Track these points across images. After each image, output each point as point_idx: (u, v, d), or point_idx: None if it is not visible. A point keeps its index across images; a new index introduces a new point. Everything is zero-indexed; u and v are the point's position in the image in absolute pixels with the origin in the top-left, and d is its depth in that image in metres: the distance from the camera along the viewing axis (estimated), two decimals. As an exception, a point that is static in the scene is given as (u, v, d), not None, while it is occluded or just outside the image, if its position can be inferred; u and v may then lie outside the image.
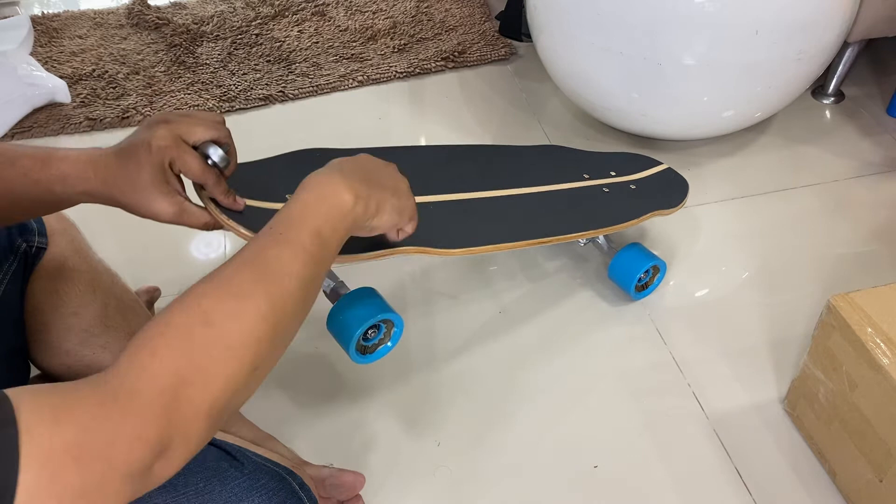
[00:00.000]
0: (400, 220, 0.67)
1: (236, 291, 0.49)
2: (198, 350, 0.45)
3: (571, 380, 1.03)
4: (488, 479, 0.92)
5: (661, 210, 1.10)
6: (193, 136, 0.65)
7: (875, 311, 0.81)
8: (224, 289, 0.49)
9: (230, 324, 0.47)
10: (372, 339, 0.82)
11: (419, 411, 1.00)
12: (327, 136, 1.51)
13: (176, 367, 0.44)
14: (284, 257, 0.52)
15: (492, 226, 0.95)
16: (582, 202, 1.07)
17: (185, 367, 0.44)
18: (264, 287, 0.50)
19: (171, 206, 0.66)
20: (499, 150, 1.17)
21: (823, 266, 1.19)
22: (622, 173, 1.18)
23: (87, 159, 0.64)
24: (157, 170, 0.63)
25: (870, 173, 1.37)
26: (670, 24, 1.14)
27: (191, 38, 1.75)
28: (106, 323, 0.80)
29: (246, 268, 0.51)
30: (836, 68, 1.50)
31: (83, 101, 1.58)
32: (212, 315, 0.47)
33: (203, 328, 0.46)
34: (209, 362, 0.45)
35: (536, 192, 1.06)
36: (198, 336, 0.46)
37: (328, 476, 0.84)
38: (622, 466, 0.93)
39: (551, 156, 1.19)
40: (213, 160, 0.67)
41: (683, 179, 1.20)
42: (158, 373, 0.43)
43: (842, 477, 0.88)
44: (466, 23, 1.82)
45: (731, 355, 1.06)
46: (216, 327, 0.46)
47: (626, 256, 1.10)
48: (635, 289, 1.11)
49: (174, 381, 0.43)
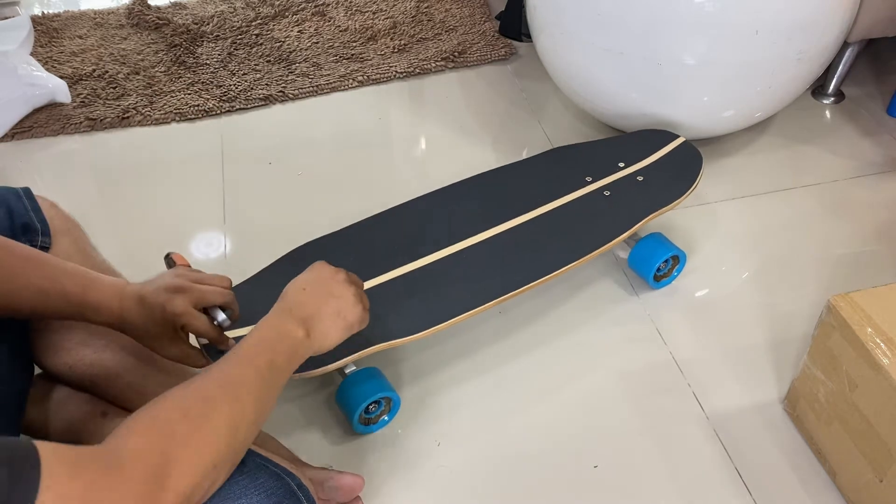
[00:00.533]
0: (348, 333, 0.77)
1: (207, 397, 0.60)
2: (178, 440, 0.55)
3: (571, 380, 1.03)
4: (488, 479, 0.92)
5: (663, 208, 1.10)
6: (205, 303, 0.78)
7: (875, 311, 0.81)
8: (197, 395, 0.60)
9: (202, 422, 0.57)
10: (373, 413, 0.96)
11: (419, 412, 1.00)
12: (327, 136, 1.51)
13: (160, 451, 0.54)
14: (246, 378, 0.63)
15: (465, 288, 0.99)
16: (573, 223, 1.08)
17: (168, 453, 0.54)
18: (229, 400, 0.61)
19: (177, 353, 0.80)
20: (495, 174, 1.17)
21: (823, 266, 1.19)
22: (632, 161, 1.18)
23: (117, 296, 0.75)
24: (169, 328, 0.77)
25: (870, 173, 1.37)
26: (670, 24, 1.14)
27: (191, 39, 1.75)
28: None
29: (215, 383, 0.62)
30: (836, 68, 1.50)
31: (83, 101, 1.58)
32: (190, 411, 0.58)
33: (183, 420, 0.57)
34: (185, 451, 0.55)
35: (529, 221, 1.08)
36: (178, 430, 0.56)
37: (327, 478, 0.85)
38: (622, 466, 0.93)
39: (552, 163, 1.19)
40: (218, 321, 0.79)
41: (698, 155, 1.19)
42: (146, 455, 0.53)
43: (842, 477, 0.88)
44: (466, 23, 1.82)
45: (731, 355, 1.06)
46: (191, 420, 0.57)
47: (647, 245, 1.11)
48: (654, 278, 1.12)
49: (160, 461, 0.53)
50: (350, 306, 0.76)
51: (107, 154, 1.48)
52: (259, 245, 1.26)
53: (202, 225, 1.31)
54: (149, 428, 0.55)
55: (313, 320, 0.73)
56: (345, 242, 1.04)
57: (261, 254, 1.07)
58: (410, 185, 1.39)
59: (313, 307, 0.73)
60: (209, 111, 1.56)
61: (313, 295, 0.74)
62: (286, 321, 0.71)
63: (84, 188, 1.39)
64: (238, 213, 1.33)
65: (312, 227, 1.08)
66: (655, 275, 1.12)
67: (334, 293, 0.75)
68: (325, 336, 0.73)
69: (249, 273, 1.00)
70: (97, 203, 1.36)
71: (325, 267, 0.78)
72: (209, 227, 1.30)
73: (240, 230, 1.29)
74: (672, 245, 1.11)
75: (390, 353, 1.06)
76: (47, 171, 1.43)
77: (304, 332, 0.71)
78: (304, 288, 0.75)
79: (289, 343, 0.70)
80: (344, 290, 0.76)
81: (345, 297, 0.76)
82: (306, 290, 0.75)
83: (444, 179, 1.15)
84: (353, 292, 0.76)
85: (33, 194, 0.81)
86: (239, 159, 1.45)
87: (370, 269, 1.00)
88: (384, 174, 1.42)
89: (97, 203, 1.36)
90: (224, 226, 1.30)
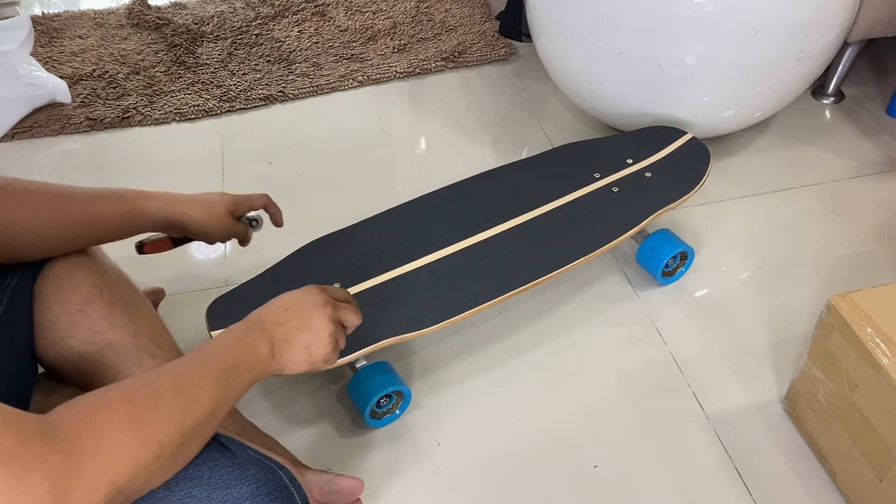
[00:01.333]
0: (310, 369, 0.76)
1: (156, 391, 0.59)
2: (115, 424, 0.55)
3: (571, 379, 1.03)
4: (488, 479, 0.92)
5: (671, 204, 1.10)
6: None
7: (875, 311, 0.81)
8: (147, 386, 0.59)
9: (145, 412, 0.57)
10: (384, 407, 0.97)
11: (418, 412, 1.00)
12: (327, 136, 1.51)
13: (93, 431, 0.53)
14: (201, 379, 0.63)
15: (470, 285, 0.99)
16: (582, 219, 1.08)
17: (100, 434, 0.53)
18: (179, 397, 0.60)
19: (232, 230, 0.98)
20: (501, 172, 1.17)
21: (823, 266, 1.19)
22: (640, 157, 1.18)
23: (167, 206, 0.92)
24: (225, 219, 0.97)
25: (870, 173, 1.37)
26: (670, 25, 1.14)
27: (191, 39, 1.75)
28: (111, 321, 0.81)
29: (168, 379, 0.61)
30: (835, 68, 1.50)
31: (83, 101, 1.58)
32: (135, 399, 0.57)
33: (126, 406, 0.56)
34: (121, 437, 0.54)
35: (536, 217, 1.08)
36: (118, 414, 0.55)
37: (327, 482, 0.84)
38: (622, 466, 0.93)
39: (560, 160, 1.19)
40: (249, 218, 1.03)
41: (706, 151, 1.19)
42: (77, 430, 0.53)
43: (842, 477, 0.88)
44: (466, 23, 1.82)
45: (731, 355, 1.06)
46: (135, 406, 0.56)
47: (655, 241, 1.11)
48: (662, 274, 1.12)
49: (90, 441, 0.52)
50: (320, 345, 0.74)
51: (107, 154, 1.48)
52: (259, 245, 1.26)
53: (202, 225, 1.31)
54: (89, 407, 0.55)
55: (282, 343, 0.71)
56: (345, 242, 1.04)
57: (261, 254, 1.07)
58: (410, 185, 1.39)
59: (287, 332, 0.72)
60: (209, 111, 1.56)
61: (292, 318, 0.73)
62: (255, 334, 0.70)
63: (84, 188, 1.39)
64: (238, 213, 1.33)
65: (313, 227, 1.08)
66: (664, 271, 1.13)
67: (312, 325, 0.74)
68: (287, 363, 0.72)
69: (249, 274, 1.01)
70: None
71: (316, 295, 0.76)
72: (209, 227, 1.30)
73: (240, 230, 1.29)
74: (680, 241, 1.12)
75: (390, 351, 1.06)
76: (47, 171, 1.43)
77: (269, 351, 0.70)
78: (287, 308, 0.74)
79: (251, 353, 0.69)
80: (322, 325, 0.74)
81: (321, 332, 0.74)
82: (289, 310, 0.74)
83: (444, 179, 1.15)
84: (330, 331, 0.75)
85: None
86: (239, 159, 1.45)
87: (371, 268, 1.00)
88: (384, 174, 1.42)
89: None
90: (224, 226, 1.30)
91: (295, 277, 0.98)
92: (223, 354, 0.67)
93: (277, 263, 1.01)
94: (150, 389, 0.59)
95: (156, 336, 0.84)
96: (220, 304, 0.94)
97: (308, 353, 0.73)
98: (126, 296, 0.85)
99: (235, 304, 0.94)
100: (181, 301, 1.14)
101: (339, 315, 0.77)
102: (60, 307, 0.79)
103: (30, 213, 0.77)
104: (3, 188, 0.76)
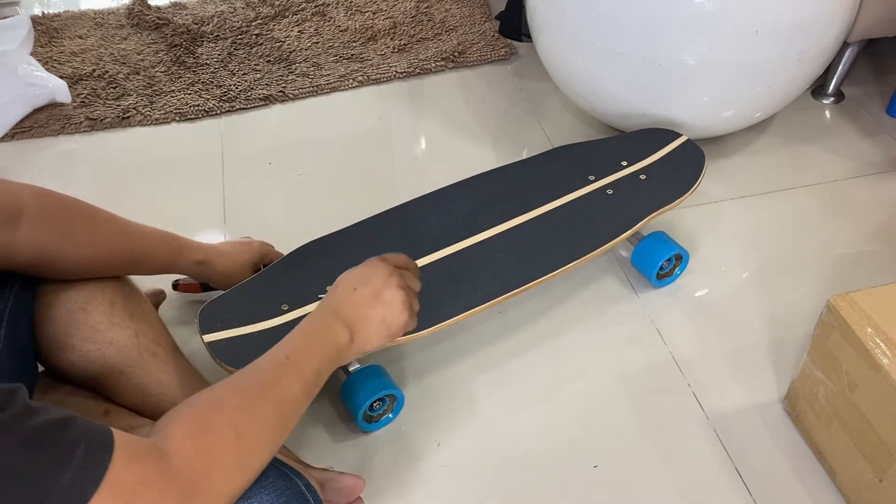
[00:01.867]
0: (390, 340, 0.78)
1: (260, 416, 0.62)
2: (227, 460, 0.58)
3: (571, 379, 1.03)
4: (488, 479, 0.92)
5: (665, 207, 1.10)
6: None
7: (875, 311, 0.81)
8: (255, 412, 0.62)
9: (254, 446, 0.61)
10: (377, 410, 0.96)
11: (419, 412, 1.00)
12: (327, 136, 1.51)
13: (210, 467, 0.57)
14: (295, 389, 0.66)
15: (467, 287, 0.99)
16: (576, 222, 1.08)
17: (214, 468, 0.57)
18: (282, 420, 0.64)
19: None
20: (497, 174, 1.17)
21: (823, 266, 1.19)
22: (635, 160, 1.18)
23: (203, 255, 0.97)
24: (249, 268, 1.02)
25: (870, 173, 1.37)
26: (670, 25, 1.14)
27: (191, 39, 1.75)
28: (112, 320, 0.81)
29: (273, 401, 0.64)
30: (835, 68, 1.50)
31: (83, 101, 1.58)
32: (241, 431, 0.60)
33: (235, 440, 0.59)
34: (232, 474, 0.58)
35: (532, 219, 1.08)
36: (229, 445, 0.58)
37: (328, 480, 0.84)
38: (622, 466, 0.93)
39: (555, 163, 1.19)
40: None
41: (701, 153, 1.19)
42: (197, 466, 0.56)
43: (842, 477, 0.88)
44: (466, 23, 1.82)
45: (731, 355, 1.06)
46: (243, 442, 0.60)
47: (650, 244, 1.11)
48: (657, 277, 1.12)
49: (204, 473, 0.56)
50: (396, 314, 0.76)
51: (107, 154, 1.48)
52: (259, 245, 1.26)
53: (202, 225, 1.31)
54: (199, 433, 0.57)
55: (359, 324, 0.74)
56: (345, 242, 1.04)
57: (261, 254, 1.07)
58: (410, 185, 1.39)
59: (362, 311, 0.74)
60: (209, 111, 1.56)
61: (363, 297, 0.75)
62: (333, 323, 0.72)
63: (84, 188, 1.39)
64: (238, 213, 1.33)
65: (312, 227, 1.08)
66: (658, 273, 1.13)
67: (384, 298, 0.76)
68: (366, 341, 0.75)
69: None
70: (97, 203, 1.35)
71: (380, 267, 0.78)
72: (209, 227, 1.30)
73: (240, 230, 1.29)
74: (675, 244, 1.11)
75: (390, 352, 1.06)
76: (47, 171, 1.43)
77: (349, 337, 0.73)
78: (356, 288, 0.75)
79: (333, 346, 0.71)
80: (394, 296, 0.76)
81: (393, 303, 0.76)
82: (357, 290, 0.75)
83: (444, 179, 1.15)
84: (402, 299, 0.77)
85: None
86: (239, 159, 1.45)
87: None
88: (384, 174, 1.42)
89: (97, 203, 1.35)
90: (224, 226, 1.30)
91: (288, 281, 0.98)
92: (311, 358, 0.69)
93: (270, 267, 1.00)
94: (254, 416, 0.61)
95: (157, 336, 0.85)
96: (212, 307, 0.93)
97: (385, 326, 0.76)
98: (127, 295, 0.85)
99: (228, 308, 0.93)
100: (181, 301, 1.14)
101: (406, 281, 0.78)
102: (63, 306, 0.79)
103: (90, 241, 0.80)
104: (72, 210, 0.79)
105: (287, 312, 0.93)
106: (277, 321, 0.92)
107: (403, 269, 0.81)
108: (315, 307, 0.76)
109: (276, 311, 0.93)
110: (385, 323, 0.76)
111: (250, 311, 0.92)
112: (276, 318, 0.92)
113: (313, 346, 0.71)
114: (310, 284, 0.97)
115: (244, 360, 0.86)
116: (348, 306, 0.74)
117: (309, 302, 0.95)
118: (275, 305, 0.94)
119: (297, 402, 0.66)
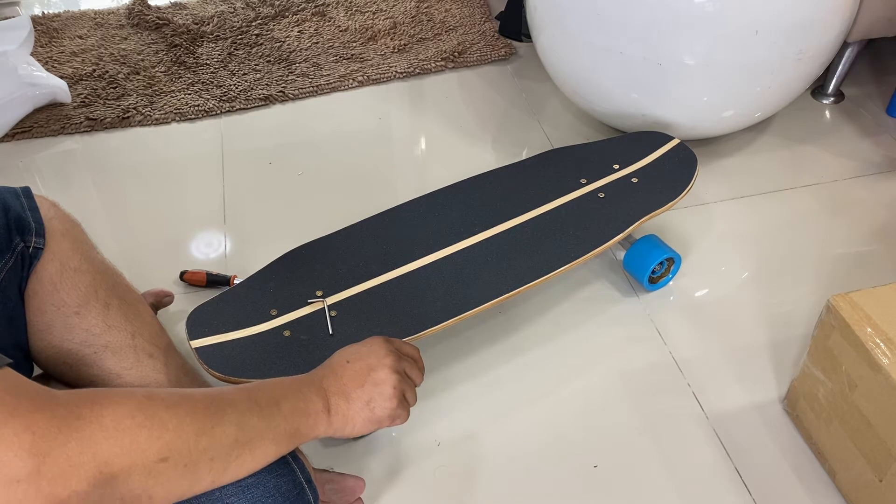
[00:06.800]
0: (375, 426, 0.72)
1: (187, 395, 0.56)
2: (124, 407, 0.52)
3: (571, 380, 1.03)
4: (488, 479, 0.92)
5: (657, 210, 1.10)
6: None
7: (875, 311, 0.81)
8: (182, 392, 0.57)
9: (164, 409, 0.54)
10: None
11: (419, 412, 1.00)
12: (327, 136, 1.51)
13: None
14: (239, 401, 0.60)
15: (463, 289, 0.98)
16: (567, 225, 1.07)
17: (107, 413, 0.51)
18: (210, 410, 0.57)
19: None
20: (490, 177, 1.16)
21: (823, 266, 1.19)
22: (627, 163, 1.18)
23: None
24: None
25: (870, 173, 1.37)
26: (670, 24, 1.14)
27: (191, 39, 1.75)
28: (108, 322, 0.80)
29: (205, 392, 0.59)
30: (835, 68, 1.50)
31: (84, 102, 1.58)
32: (157, 395, 0.54)
33: (144, 397, 0.53)
34: (128, 423, 0.51)
35: (523, 223, 1.07)
36: (136, 400, 0.53)
37: (328, 481, 0.84)
38: (622, 466, 0.93)
39: (547, 165, 1.18)
40: None
41: (693, 157, 1.19)
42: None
43: (842, 477, 0.88)
44: (466, 23, 1.82)
45: (731, 355, 1.06)
46: (153, 401, 0.53)
47: (641, 248, 1.11)
48: (649, 280, 1.12)
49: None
50: (384, 399, 0.70)
51: (107, 154, 1.48)
52: (259, 245, 1.26)
53: (202, 225, 1.31)
54: (105, 389, 0.54)
55: (339, 399, 0.68)
56: (344, 243, 1.04)
57: (261, 254, 1.07)
58: (410, 185, 1.39)
59: (347, 387, 0.69)
60: (209, 111, 1.56)
61: (353, 371, 0.70)
62: (309, 389, 0.67)
63: (84, 188, 1.39)
64: (238, 213, 1.33)
65: (312, 227, 1.08)
66: (650, 277, 1.12)
67: (374, 378, 0.70)
68: (345, 419, 0.68)
69: (249, 273, 1.00)
70: (97, 203, 1.36)
71: (380, 346, 0.73)
72: (209, 226, 1.30)
73: (240, 230, 1.29)
74: (667, 247, 1.11)
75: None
76: (47, 171, 1.43)
77: (323, 407, 0.67)
78: (349, 360, 0.71)
79: (303, 403, 0.65)
80: (385, 378, 0.71)
81: (383, 386, 0.70)
82: (349, 363, 0.71)
83: (444, 180, 1.15)
84: (394, 383, 0.71)
85: (32, 193, 0.81)
86: (239, 159, 1.45)
87: (369, 269, 1.00)
88: (384, 174, 1.42)
89: (97, 203, 1.36)
90: (224, 226, 1.30)
91: (277, 286, 0.96)
92: (272, 388, 0.63)
93: (260, 271, 0.99)
94: (179, 393, 0.56)
95: (154, 337, 0.84)
96: (200, 312, 0.92)
97: (370, 409, 0.69)
98: (122, 296, 0.84)
99: (216, 314, 0.92)
100: (180, 302, 1.14)
101: (404, 367, 0.73)
102: (56, 310, 0.78)
103: None
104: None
105: (276, 318, 0.92)
106: (266, 326, 0.91)
107: (406, 356, 0.76)
108: (303, 310, 0.72)
109: (265, 316, 0.92)
110: (370, 406, 0.69)
111: (238, 316, 0.91)
112: (265, 323, 0.92)
113: (280, 383, 0.65)
114: (298, 289, 0.96)
115: (231, 366, 0.86)
116: (332, 377, 0.69)
117: (297, 307, 0.94)
118: (263, 311, 0.93)
119: (236, 407, 0.59)
